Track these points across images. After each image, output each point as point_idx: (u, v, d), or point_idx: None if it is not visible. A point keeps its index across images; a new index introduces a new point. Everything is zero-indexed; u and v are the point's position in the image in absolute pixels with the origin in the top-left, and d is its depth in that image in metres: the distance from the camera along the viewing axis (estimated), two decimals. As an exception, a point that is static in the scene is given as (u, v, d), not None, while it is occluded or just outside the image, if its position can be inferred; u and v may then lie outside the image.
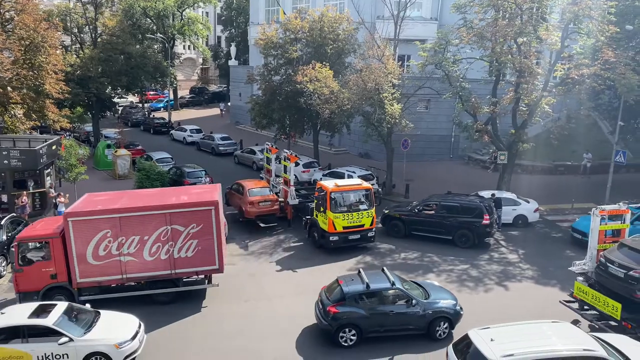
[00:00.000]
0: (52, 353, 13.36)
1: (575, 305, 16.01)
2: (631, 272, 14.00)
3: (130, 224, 16.54)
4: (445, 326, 15.24)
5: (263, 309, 17.30)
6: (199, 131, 45.71)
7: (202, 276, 18.02)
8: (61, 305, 14.45)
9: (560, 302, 16.53)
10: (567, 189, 30.55)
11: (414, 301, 15.12)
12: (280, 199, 25.55)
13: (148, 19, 54.52)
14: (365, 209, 21.83)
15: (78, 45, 40.30)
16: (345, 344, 14.82)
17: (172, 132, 48.21)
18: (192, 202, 17.23)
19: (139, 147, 38.85)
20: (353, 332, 14.82)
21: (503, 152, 27.56)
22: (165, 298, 17.43)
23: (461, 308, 15.65)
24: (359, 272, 15.91)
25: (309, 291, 18.37)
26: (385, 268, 16.36)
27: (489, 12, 26.22)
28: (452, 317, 15.36)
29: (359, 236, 21.91)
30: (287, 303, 17.71)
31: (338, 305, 14.85)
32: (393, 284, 15.25)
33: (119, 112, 54.23)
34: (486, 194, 25.32)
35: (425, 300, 15.34)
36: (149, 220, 16.66)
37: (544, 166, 34.68)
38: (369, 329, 14.91)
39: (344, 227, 21.49)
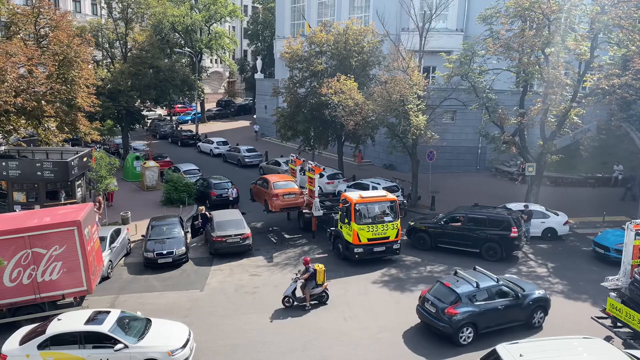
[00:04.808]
0: (107, 359, 13.72)
1: (608, 322, 15.57)
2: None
3: None
4: (541, 315, 16.42)
5: (288, 320, 17.29)
6: (225, 143, 46.25)
7: (73, 298, 17.37)
8: (115, 313, 14.86)
9: (591, 318, 16.11)
10: (598, 201, 29.80)
11: (519, 294, 16.11)
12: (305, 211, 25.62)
13: (176, 34, 55.64)
14: (390, 221, 21.69)
15: (109, 60, 41.30)
16: (464, 343, 15.43)
17: (199, 144, 48.90)
18: (50, 224, 16.59)
19: (167, 159, 39.55)
20: (470, 330, 15.45)
21: (531, 164, 27.10)
22: None
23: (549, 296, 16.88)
24: (456, 272, 16.77)
25: (334, 303, 18.35)
26: (477, 267, 17.31)
27: (515, 23, 25.98)
28: (547, 305, 16.59)
29: (384, 248, 21.76)
30: (312, 315, 17.64)
31: (455, 306, 15.38)
32: (498, 280, 16.25)
33: (148, 124, 55.24)
34: (514, 206, 24.91)
35: (525, 293, 16.31)
36: (6, 245, 16.08)
37: (573, 178, 33.97)
38: (483, 326, 15.63)
39: (369, 239, 21.37)
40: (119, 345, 13.72)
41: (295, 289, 18.01)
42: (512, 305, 15.94)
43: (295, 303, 18.02)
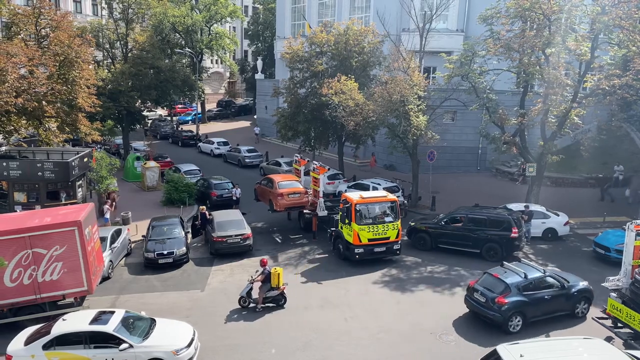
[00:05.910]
0: (112, 359, 13.74)
1: (609, 322, 15.59)
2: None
3: None
4: (585, 305, 17.01)
5: (288, 320, 17.30)
6: (225, 144, 46.27)
7: (73, 299, 17.35)
8: (119, 313, 14.88)
9: (592, 318, 16.13)
10: (598, 202, 29.77)
11: (566, 284, 16.77)
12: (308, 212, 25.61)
13: (177, 34, 55.67)
14: (390, 221, 21.69)
15: (109, 60, 41.33)
16: (513, 331, 15.96)
17: (200, 144, 48.92)
18: (51, 224, 16.60)
19: (168, 159, 39.58)
20: (519, 319, 16.04)
21: (532, 164, 27.10)
22: None
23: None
24: (503, 264, 17.35)
25: (334, 303, 18.37)
26: (522, 259, 17.94)
27: (516, 23, 26.00)
28: (590, 296, 17.12)
29: (384, 249, 21.76)
30: (312, 315, 17.67)
31: (505, 295, 15.99)
32: (544, 272, 16.96)
33: (148, 125, 55.26)
34: (515, 206, 24.91)
35: (570, 284, 16.91)
36: (7, 245, 16.08)
37: (574, 179, 33.97)
38: (531, 315, 16.22)
39: (369, 240, 21.38)
40: (124, 345, 13.75)
41: (251, 289, 18.06)
42: (558, 296, 16.50)
43: (251, 304, 18.04)
